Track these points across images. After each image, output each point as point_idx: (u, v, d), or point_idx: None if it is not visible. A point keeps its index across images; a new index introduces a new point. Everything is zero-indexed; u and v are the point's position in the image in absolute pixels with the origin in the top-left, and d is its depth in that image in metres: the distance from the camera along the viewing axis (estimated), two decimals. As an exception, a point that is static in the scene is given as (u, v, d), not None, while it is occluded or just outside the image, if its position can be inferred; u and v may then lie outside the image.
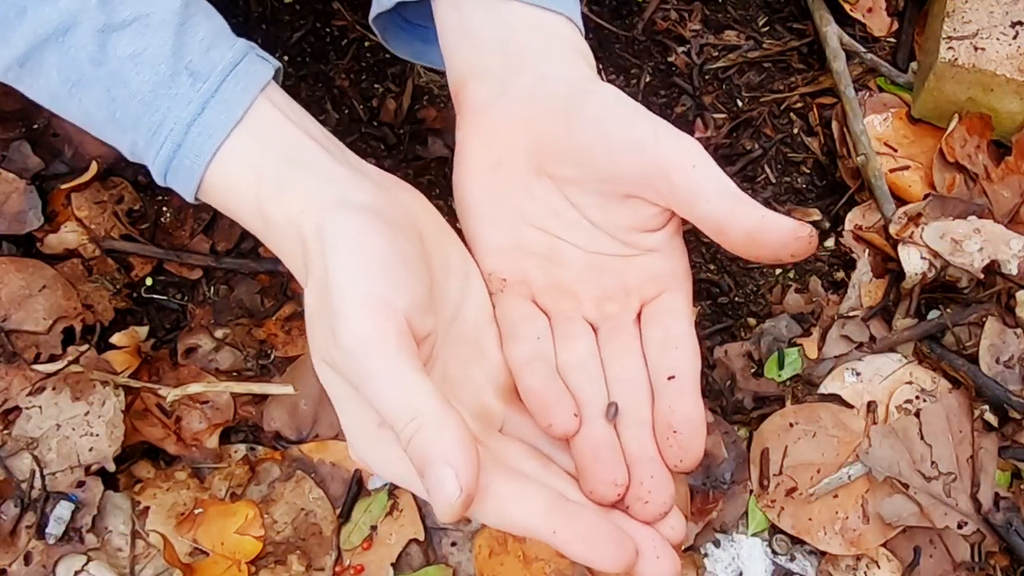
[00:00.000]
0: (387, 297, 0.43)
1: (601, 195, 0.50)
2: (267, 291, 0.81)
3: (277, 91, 0.50)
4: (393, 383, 0.42)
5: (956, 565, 0.72)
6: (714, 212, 0.46)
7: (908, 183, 0.85)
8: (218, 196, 0.49)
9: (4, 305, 0.75)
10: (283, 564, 0.71)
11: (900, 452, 0.73)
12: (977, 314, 0.78)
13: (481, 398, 0.49)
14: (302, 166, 0.48)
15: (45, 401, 0.72)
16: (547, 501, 0.43)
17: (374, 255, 0.44)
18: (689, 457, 0.47)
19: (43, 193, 0.80)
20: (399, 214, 0.48)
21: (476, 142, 0.53)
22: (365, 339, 0.42)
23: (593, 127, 0.49)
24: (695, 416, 0.48)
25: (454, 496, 0.40)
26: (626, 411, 0.49)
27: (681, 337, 0.50)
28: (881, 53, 0.92)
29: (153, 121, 0.48)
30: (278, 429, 0.76)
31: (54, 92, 0.49)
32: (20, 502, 0.69)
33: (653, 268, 0.51)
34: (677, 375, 0.49)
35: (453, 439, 0.40)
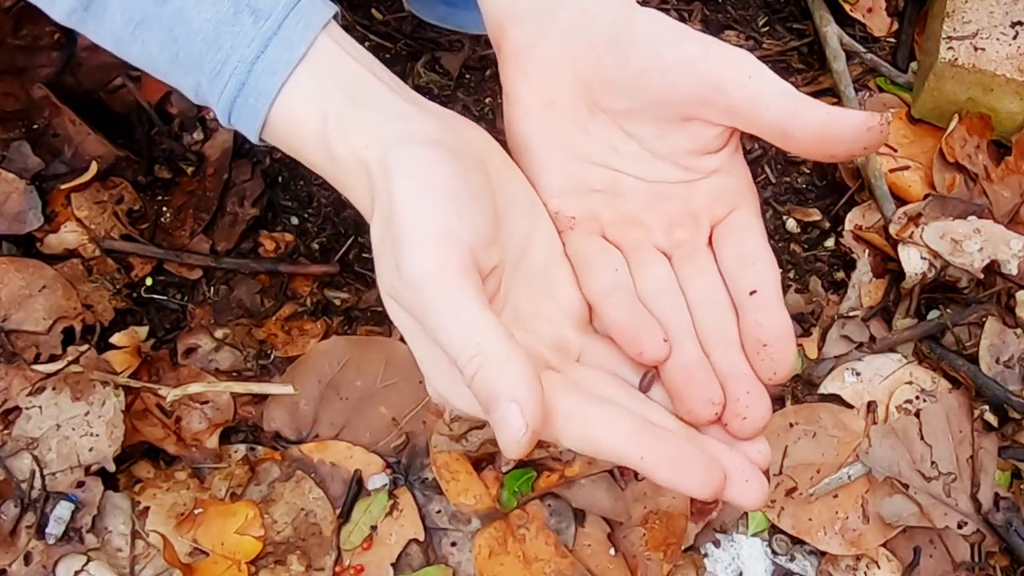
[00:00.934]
0: (452, 228, 0.43)
1: (658, 122, 0.49)
2: (267, 291, 0.81)
3: (338, 30, 0.49)
4: (455, 317, 0.41)
5: (956, 565, 0.72)
6: (777, 118, 0.46)
7: (908, 183, 0.85)
8: (282, 135, 0.49)
9: (4, 305, 0.75)
10: (283, 564, 0.71)
11: (900, 452, 0.73)
12: (977, 314, 0.78)
13: (557, 331, 0.49)
14: (366, 104, 0.47)
15: (45, 401, 0.72)
16: (633, 424, 0.43)
17: (440, 185, 0.44)
18: (782, 369, 0.47)
19: (43, 193, 0.80)
20: (465, 147, 0.47)
21: (524, 86, 0.52)
22: (428, 270, 0.42)
23: (642, 52, 0.48)
24: (783, 327, 0.47)
25: (520, 432, 0.39)
26: (712, 331, 0.49)
27: (757, 251, 0.49)
28: (881, 53, 0.92)
29: (216, 60, 0.47)
30: (278, 429, 0.76)
31: (118, 34, 0.48)
32: (20, 502, 0.69)
33: (718, 189, 0.51)
34: (759, 289, 0.48)
35: (517, 374, 0.40)
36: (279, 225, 0.84)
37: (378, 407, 0.76)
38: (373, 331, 0.80)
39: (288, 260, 0.82)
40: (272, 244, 0.82)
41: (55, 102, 0.81)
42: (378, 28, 0.90)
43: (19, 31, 0.81)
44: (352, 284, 0.82)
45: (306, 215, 0.84)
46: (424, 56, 0.89)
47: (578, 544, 0.72)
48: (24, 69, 0.82)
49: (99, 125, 0.83)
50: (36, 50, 0.82)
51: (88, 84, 0.84)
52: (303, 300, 0.81)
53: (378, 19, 0.91)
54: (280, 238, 0.83)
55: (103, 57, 0.83)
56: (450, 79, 0.89)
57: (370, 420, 0.76)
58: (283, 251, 0.82)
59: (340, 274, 0.82)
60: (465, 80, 0.89)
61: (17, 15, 0.80)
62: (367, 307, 0.81)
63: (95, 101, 0.85)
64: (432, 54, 0.89)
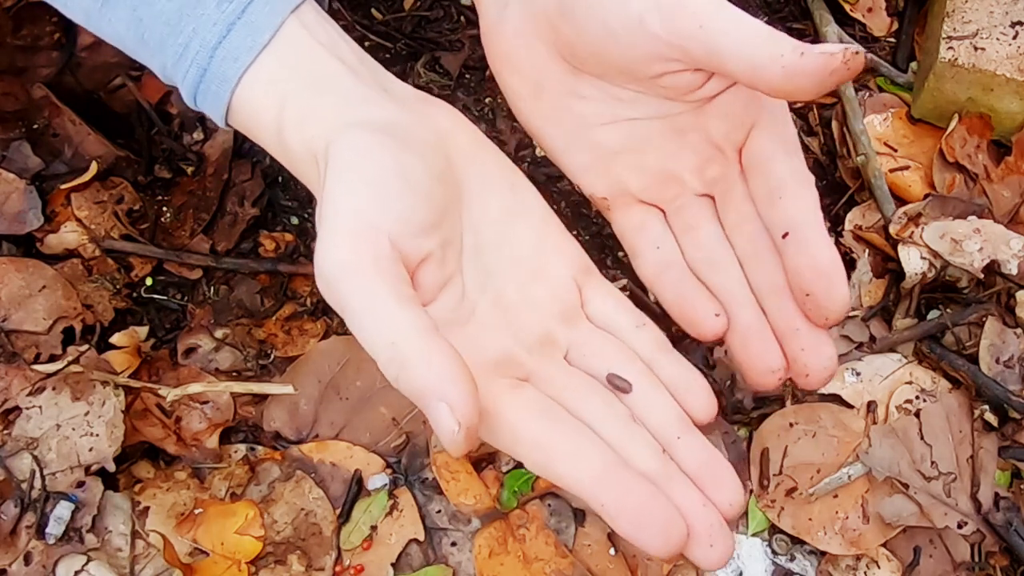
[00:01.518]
0: (371, 218, 0.41)
1: (637, 80, 0.47)
2: (267, 291, 0.81)
3: (310, 10, 0.47)
4: (370, 314, 0.40)
5: (956, 565, 0.72)
6: (739, 68, 0.42)
7: (908, 183, 0.85)
8: (244, 122, 0.47)
9: (4, 305, 0.75)
10: (283, 564, 0.71)
11: (900, 452, 0.73)
12: (977, 314, 0.78)
13: (544, 323, 0.47)
14: (325, 91, 0.45)
15: (45, 401, 0.72)
16: (601, 465, 0.41)
17: (368, 173, 0.42)
18: (834, 310, 0.45)
19: (43, 193, 0.80)
20: (419, 131, 0.46)
21: (507, 73, 0.51)
22: (340, 264, 0.40)
23: (591, 23, 0.46)
24: (823, 265, 0.45)
25: (453, 431, 0.38)
26: (763, 284, 0.47)
27: (782, 180, 0.47)
28: (881, 53, 0.92)
29: (179, 44, 0.45)
30: (278, 429, 0.76)
31: (87, 10, 0.47)
32: (20, 502, 0.69)
33: (727, 108, 0.48)
34: (791, 228, 0.46)
35: (440, 372, 0.38)
36: (279, 225, 0.84)
37: (378, 407, 0.76)
38: (373, 331, 0.80)
39: (288, 260, 0.82)
40: (272, 244, 0.82)
41: (55, 102, 0.81)
42: (378, 28, 0.90)
43: (19, 31, 0.81)
44: (352, 284, 0.82)
45: (306, 215, 0.84)
46: (424, 56, 0.89)
47: (578, 544, 0.72)
48: (24, 69, 0.82)
49: (99, 125, 0.83)
50: (36, 50, 0.82)
51: (88, 84, 0.84)
52: (303, 300, 0.81)
53: (378, 19, 0.91)
54: (280, 238, 0.83)
55: (103, 57, 0.83)
56: (450, 79, 0.89)
57: (370, 420, 0.76)
58: (283, 251, 0.82)
59: (340, 274, 0.82)
60: (465, 80, 0.89)
61: (17, 15, 0.80)
62: (367, 307, 0.81)
63: (95, 101, 0.85)
64: (432, 54, 0.89)
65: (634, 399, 0.46)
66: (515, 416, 0.43)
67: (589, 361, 0.47)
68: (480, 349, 0.44)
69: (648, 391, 0.46)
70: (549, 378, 0.45)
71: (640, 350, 0.48)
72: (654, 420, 0.46)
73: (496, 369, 0.45)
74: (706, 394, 0.47)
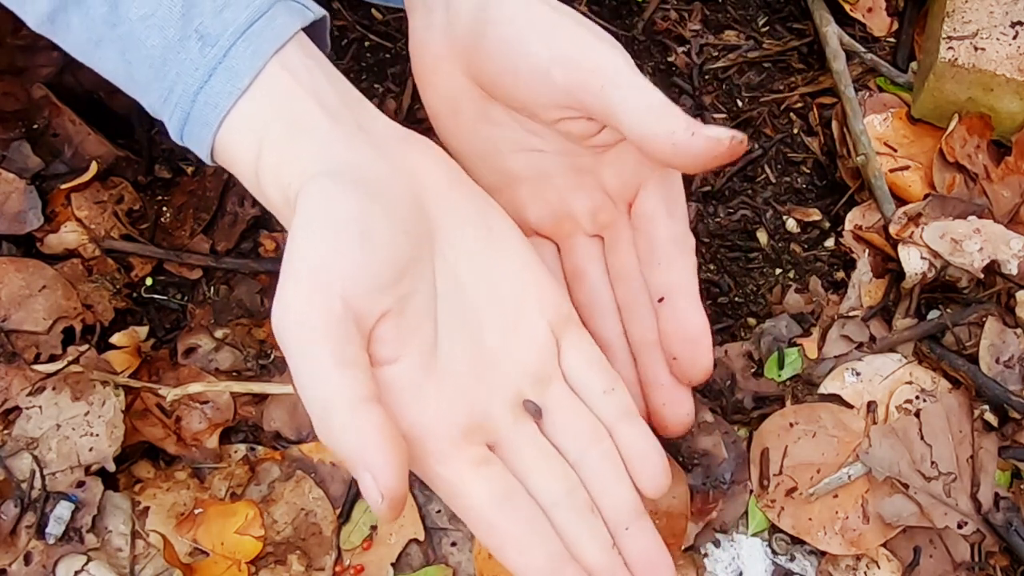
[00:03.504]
0: (325, 276, 0.41)
1: (537, 121, 0.49)
2: (267, 291, 0.81)
3: (295, 49, 0.47)
4: (307, 375, 0.40)
5: (956, 565, 0.72)
6: (632, 134, 0.44)
7: (908, 183, 0.85)
8: (227, 163, 0.48)
9: (4, 305, 0.75)
10: (283, 564, 0.71)
11: (900, 452, 0.73)
12: (977, 314, 0.78)
13: (518, 384, 0.47)
14: (301, 136, 0.45)
15: (45, 401, 0.72)
16: (547, 562, 0.43)
17: (329, 227, 0.42)
18: (697, 374, 0.49)
19: (43, 193, 0.80)
20: (390, 179, 0.45)
21: (428, 91, 0.51)
22: (288, 322, 0.41)
23: (501, 59, 0.47)
24: (691, 333, 0.48)
25: (377, 502, 0.39)
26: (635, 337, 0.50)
27: (661, 245, 0.49)
28: (881, 53, 0.92)
29: (163, 87, 0.46)
30: (278, 429, 0.76)
31: (82, 49, 0.48)
32: (20, 502, 0.69)
33: (621, 162, 0.49)
34: (666, 295, 0.49)
35: (364, 443, 0.39)
36: (279, 225, 0.84)
37: (378, 407, 0.76)
38: (373, 331, 0.80)
39: (288, 260, 0.82)
40: (272, 244, 0.82)
41: (55, 102, 0.81)
42: (378, 28, 0.90)
43: (19, 31, 0.81)
44: (352, 284, 0.82)
45: (306, 215, 0.84)
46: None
47: (578, 544, 0.72)
48: (24, 69, 0.82)
49: (99, 125, 0.83)
50: (36, 50, 0.82)
51: (88, 84, 0.84)
52: (303, 300, 0.81)
53: (378, 19, 0.91)
54: (280, 238, 0.83)
55: (103, 57, 0.83)
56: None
57: (370, 420, 0.76)
58: (283, 251, 0.82)
59: (340, 274, 0.82)
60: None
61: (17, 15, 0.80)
62: (367, 307, 0.81)
63: (95, 101, 0.85)
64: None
65: (593, 481, 0.47)
66: (475, 497, 0.44)
67: (558, 433, 0.48)
68: (450, 412, 0.45)
69: (607, 474, 0.48)
70: (517, 449, 0.46)
71: (605, 417, 0.49)
72: (608, 505, 0.47)
73: (464, 436, 0.45)
74: (660, 470, 0.49)
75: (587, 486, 0.47)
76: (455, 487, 0.44)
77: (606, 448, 0.48)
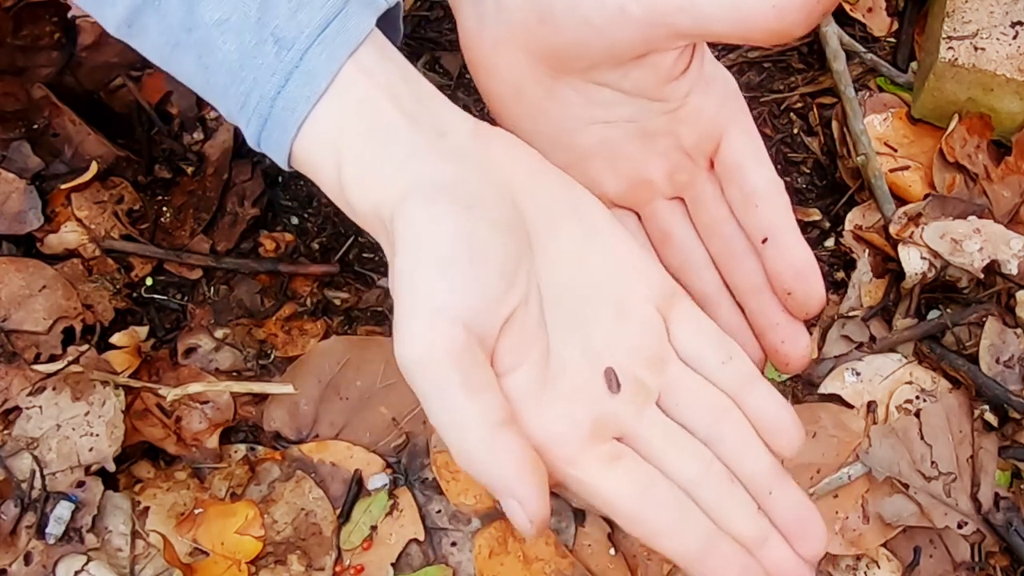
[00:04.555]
0: (442, 305, 0.41)
1: (618, 66, 0.48)
2: (267, 291, 0.81)
3: (371, 49, 0.46)
4: (439, 408, 0.40)
5: (956, 565, 0.72)
6: (728, 28, 0.44)
7: (908, 183, 0.85)
8: (306, 171, 0.47)
9: (4, 305, 0.75)
10: (283, 564, 0.71)
11: (900, 452, 0.73)
12: (977, 314, 0.78)
13: (634, 370, 0.47)
14: (382, 145, 0.45)
15: (45, 401, 0.72)
16: (701, 540, 0.44)
17: (435, 252, 0.42)
18: (813, 305, 0.49)
19: (43, 193, 0.80)
20: (482, 183, 0.45)
21: (487, 80, 0.51)
22: (414, 359, 0.41)
23: (570, 21, 0.46)
24: (802, 265, 0.49)
25: (527, 528, 0.39)
26: (740, 284, 0.51)
27: (756, 188, 0.49)
28: (881, 53, 0.92)
29: (240, 93, 0.45)
30: (278, 429, 0.76)
31: (160, 54, 0.47)
32: (20, 502, 0.69)
33: (697, 115, 0.50)
34: (769, 234, 0.49)
35: (506, 471, 0.39)
36: (279, 225, 0.84)
37: (378, 407, 0.76)
38: (373, 331, 0.80)
39: (288, 260, 0.82)
40: (272, 244, 0.82)
41: (55, 102, 0.81)
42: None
43: (19, 31, 0.80)
44: (352, 284, 0.82)
45: (306, 215, 0.84)
46: (424, 56, 0.89)
47: (578, 544, 0.72)
48: (24, 69, 0.82)
49: (99, 125, 0.83)
50: (36, 50, 0.82)
51: (88, 84, 0.84)
52: (303, 300, 0.81)
53: (378, 19, 0.91)
54: (280, 238, 0.83)
55: (103, 57, 0.83)
56: (450, 79, 0.89)
57: (370, 420, 0.76)
58: (283, 251, 0.82)
59: (340, 274, 0.82)
60: (465, 80, 0.89)
61: (17, 15, 0.80)
62: (367, 307, 0.81)
63: (95, 101, 0.85)
64: (432, 54, 0.89)
65: (728, 453, 0.47)
66: (614, 493, 0.44)
67: (683, 412, 0.48)
68: (572, 413, 0.45)
69: (739, 444, 0.48)
70: (645, 438, 0.46)
71: (727, 387, 0.49)
72: (747, 473, 0.47)
73: (591, 435, 0.45)
74: (793, 428, 0.49)
75: (722, 459, 0.47)
76: (593, 487, 0.44)
77: (734, 418, 0.48)
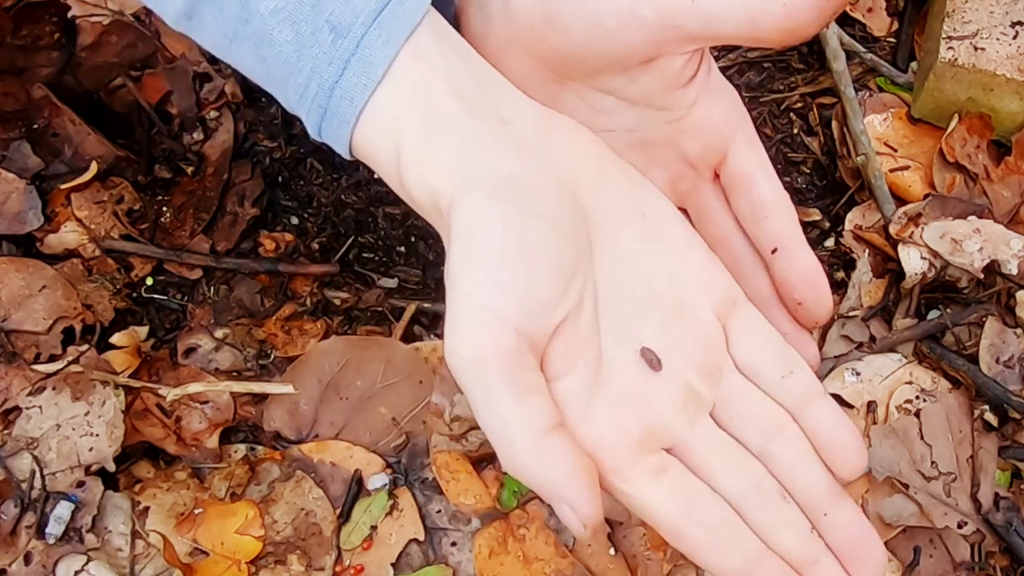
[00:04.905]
0: (494, 308, 0.40)
1: (624, 71, 0.47)
2: (267, 291, 0.81)
3: (427, 32, 0.45)
4: (488, 411, 0.40)
5: (956, 565, 0.72)
6: (738, 29, 0.44)
7: (908, 183, 0.85)
8: (367, 159, 0.46)
9: (4, 305, 0.75)
10: (283, 564, 0.71)
11: (900, 452, 0.73)
12: (977, 314, 0.78)
13: (687, 378, 0.46)
14: (440, 133, 0.44)
15: (45, 401, 0.72)
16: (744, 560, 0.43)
17: (489, 253, 0.41)
18: (821, 314, 0.49)
19: (43, 193, 0.80)
20: (542, 179, 0.44)
21: None
22: (463, 361, 0.40)
23: (581, 22, 0.45)
24: (811, 276, 0.48)
25: (580, 532, 0.39)
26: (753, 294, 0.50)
27: (764, 199, 0.49)
28: (881, 53, 0.92)
29: (298, 84, 0.44)
30: (278, 429, 0.76)
31: (218, 45, 0.46)
32: (20, 502, 0.69)
33: (703, 124, 0.49)
34: (779, 245, 0.49)
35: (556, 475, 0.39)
36: (279, 225, 0.84)
37: (378, 407, 0.76)
38: (373, 331, 0.80)
39: (288, 260, 0.82)
40: (272, 244, 0.82)
41: (55, 102, 0.81)
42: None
43: (19, 31, 0.80)
44: (352, 284, 0.82)
45: (306, 215, 0.84)
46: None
47: (578, 544, 0.72)
48: (24, 69, 0.82)
49: (99, 125, 0.83)
50: (36, 50, 0.82)
51: (88, 84, 0.84)
52: (303, 300, 0.81)
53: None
54: (280, 238, 0.83)
55: (103, 57, 0.83)
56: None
57: (370, 420, 0.76)
58: (283, 251, 0.82)
59: (340, 274, 0.82)
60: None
61: (17, 15, 0.80)
62: (367, 307, 0.81)
63: (95, 101, 0.85)
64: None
65: (781, 469, 0.46)
66: (659, 507, 0.43)
67: (737, 425, 0.47)
68: (621, 422, 0.44)
69: (795, 461, 0.46)
70: (695, 450, 0.45)
71: (786, 402, 0.48)
72: (801, 491, 0.46)
73: (640, 446, 0.44)
74: (855, 450, 0.47)
75: (776, 475, 0.46)
76: (636, 500, 0.44)
77: (791, 434, 0.47)
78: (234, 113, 0.86)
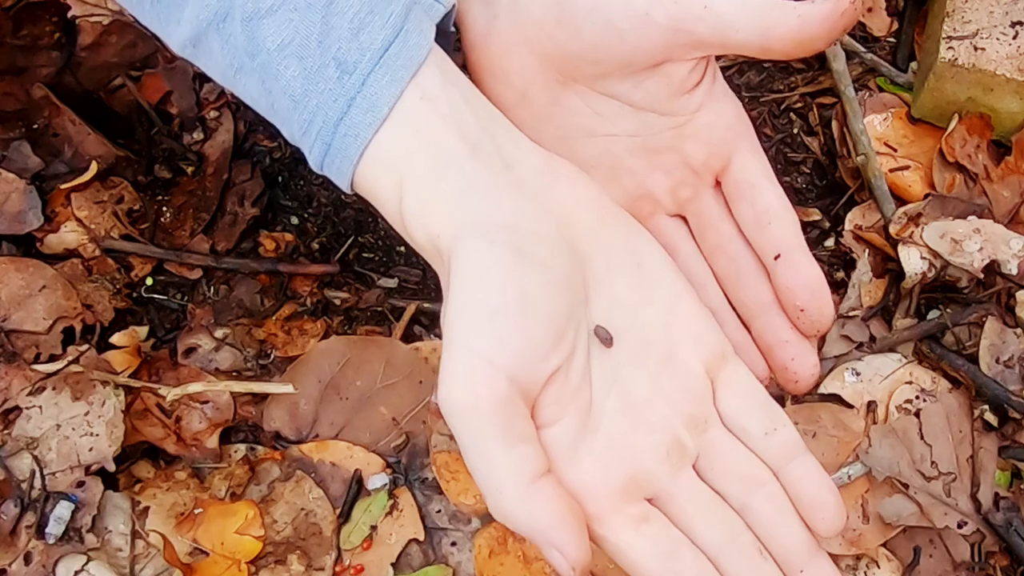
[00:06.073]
0: (488, 356, 0.41)
1: (632, 74, 0.48)
2: (267, 291, 0.81)
3: (432, 71, 0.45)
4: (477, 458, 0.41)
5: (956, 565, 0.72)
6: (749, 38, 0.44)
7: (908, 183, 0.85)
8: (368, 196, 0.47)
9: (4, 305, 0.75)
10: (283, 564, 0.71)
11: (900, 452, 0.73)
12: (977, 314, 0.78)
13: (673, 429, 0.46)
14: (443, 176, 0.44)
15: (45, 401, 0.72)
16: None
17: (486, 301, 0.42)
18: (823, 322, 0.49)
19: (43, 193, 0.80)
20: (540, 224, 0.44)
21: (493, 82, 0.50)
22: (456, 406, 0.41)
23: (593, 22, 0.46)
24: (814, 282, 0.49)
25: (569, 575, 0.40)
26: (747, 302, 0.50)
27: (768, 206, 0.49)
28: (881, 53, 0.92)
29: (303, 119, 0.44)
30: (278, 429, 0.76)
31: (223, 75, 0.46)
32: (20, 502, 0.69)
33: (707, 130, 0.49)
34: (781, 251, 0.49)
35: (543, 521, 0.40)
36: (279, 225, 0.84)
37: (378, 407, 0.76)
38: (373, 331, 0.80)
39: (288, 260, 0.82)
40: (272, 244, 0.82)
41: (55, 102, 0.81)
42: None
43: (19, 31, 0.81)
44: (352, 284, 0.82)
45: (306, 215, 0.84)
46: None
47: (578, 544, 0.72)
48: (24, 69, 0.82)
49: (99, 125, 0.83)
50: (36, 50, 0.82)
51: (88, 84, 0.84)
52: (303, 300, 0.81)
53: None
54: (280, 238, 0.83)
55: (103, 57, 0.83)
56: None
57: (370, 420, 0.76)
58: (283, 251, 0.82)
59: (340, 274, 0.82)
60: (465, 80, 0.89)
61: (17, 15, 0.80)
62: (367, 307, 0.81)
63: (95, 101, 0.85)
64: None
65: (760, 524, 0.47)
66: (639, 556, 0.44)
67: (718, 478, 0.47)
68: (606, 471, 0.45)
69: (774, 516, 0.47)
70: (677, 501, 0.46)
71: (769, 458, 0.48)
72: (779, 546, 0.47)
73: (623, 494, 0.45)
74: (834, 507, 0.48)
75: (754, 530, 0.47)
76: (618, 548, 0.44)
77: (771, 490, 0.47)
78: (234, 113, 0.86)
